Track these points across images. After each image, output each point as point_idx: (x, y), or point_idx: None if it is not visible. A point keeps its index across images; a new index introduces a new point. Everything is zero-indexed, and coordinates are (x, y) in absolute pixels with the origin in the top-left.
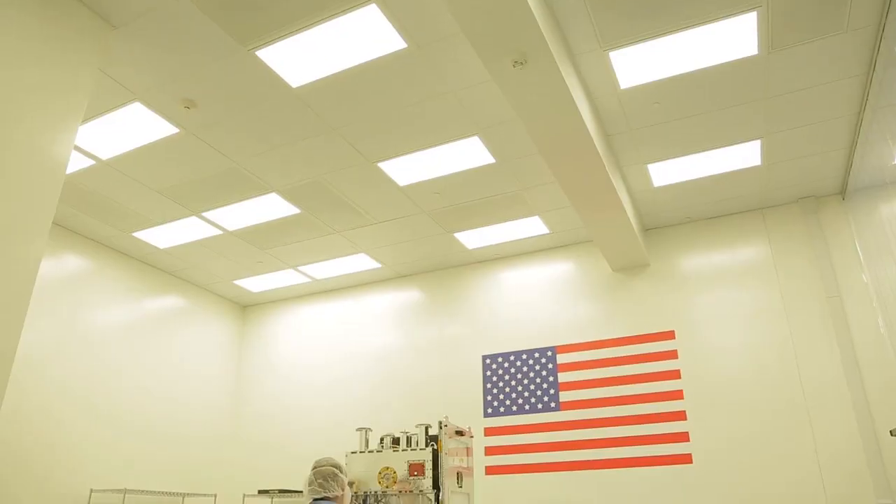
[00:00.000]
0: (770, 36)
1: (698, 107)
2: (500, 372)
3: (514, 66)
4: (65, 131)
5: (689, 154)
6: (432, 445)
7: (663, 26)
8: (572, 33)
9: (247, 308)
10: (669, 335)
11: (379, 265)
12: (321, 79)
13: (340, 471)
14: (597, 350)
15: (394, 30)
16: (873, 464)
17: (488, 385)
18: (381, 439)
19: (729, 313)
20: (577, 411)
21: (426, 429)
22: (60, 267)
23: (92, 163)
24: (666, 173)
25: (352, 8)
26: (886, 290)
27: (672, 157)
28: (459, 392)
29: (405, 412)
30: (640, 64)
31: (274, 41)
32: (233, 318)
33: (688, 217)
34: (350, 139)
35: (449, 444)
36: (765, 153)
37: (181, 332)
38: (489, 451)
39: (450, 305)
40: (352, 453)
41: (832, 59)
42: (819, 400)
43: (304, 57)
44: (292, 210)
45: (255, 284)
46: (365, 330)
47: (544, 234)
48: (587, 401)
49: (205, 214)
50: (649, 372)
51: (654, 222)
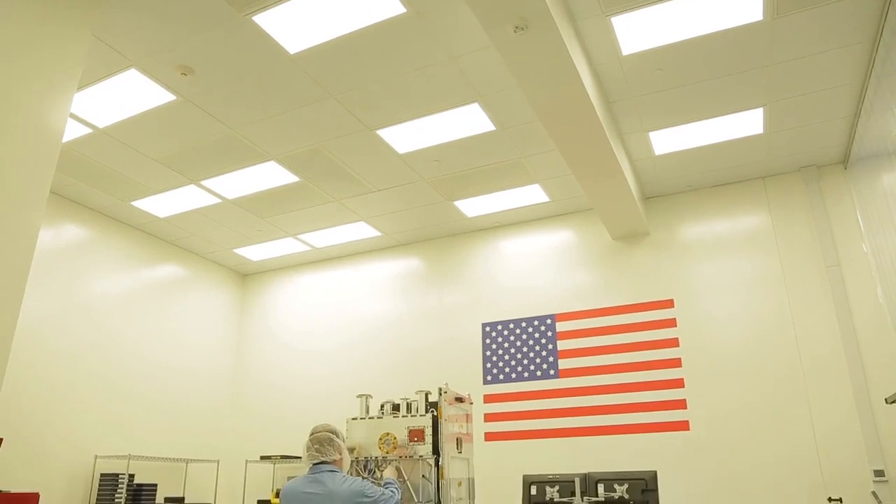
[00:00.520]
0: (776, 1)
1: (701, 74)
2: (500, 339)
3: (515, 32)
4: (60, 98)
5: (691, 122)
6: (432, 412)
7: None
8: None
9: (247, 276)
10: (668, 304)
11: (378, 233)
12: (319, 45)
13: (337, 436)
14: (596, 318)
15: None
16: (867, 431)
17: (488, 353)
18: (382, 406)
19: (728, 282)
20: (575, 379)
21: (426, 395)
22: (59, 237)
23: (89, 131)
24: (667, 141)
25: None
26: (886, 260)
27: (674, 125)
28: (459, 359)
29: (405, 379)
30: (643, 30)
31: (270, 6)
32: (233, 287)
33: (688, 185)
34: (348, 106)
35: (448, 411)
36: (767, 121)
37: (182, 301)
38: (488, 417)
39: (449, 273)
40: (352, 419)
41: (838, 25)
42: (816, 368)
43: (302, 22)
44: (291, 178)
45: (255, 253)
46: (365, 298)
47: (544, 202)
48: (586, 368)
49: (203, 183)
50: (648, 340)
51: (655, 191)
